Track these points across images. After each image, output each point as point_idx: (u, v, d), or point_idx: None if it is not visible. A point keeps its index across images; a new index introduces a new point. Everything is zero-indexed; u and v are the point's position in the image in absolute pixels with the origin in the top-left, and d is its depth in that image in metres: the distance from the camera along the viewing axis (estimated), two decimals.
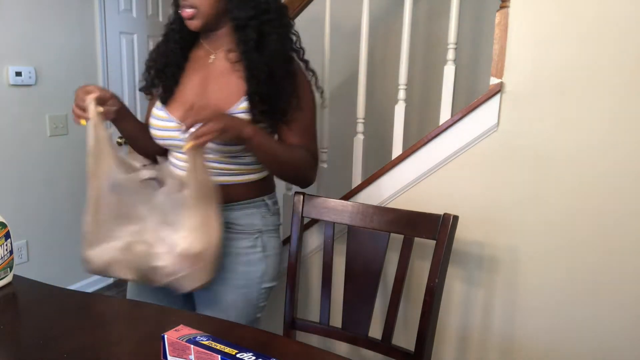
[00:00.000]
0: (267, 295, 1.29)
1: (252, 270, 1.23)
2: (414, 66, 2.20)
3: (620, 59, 1.24)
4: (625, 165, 1.27)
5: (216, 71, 1.19)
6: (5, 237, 1.07)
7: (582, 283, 1.36)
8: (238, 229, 1.23)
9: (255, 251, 1.24)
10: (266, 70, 1.12)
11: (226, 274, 1.21)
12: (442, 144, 1.46)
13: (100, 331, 0.92)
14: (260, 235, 1.25)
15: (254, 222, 1.25)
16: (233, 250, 1.22)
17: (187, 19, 1.14)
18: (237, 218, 1.23)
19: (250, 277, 1.23)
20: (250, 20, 1.12)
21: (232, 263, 1.22)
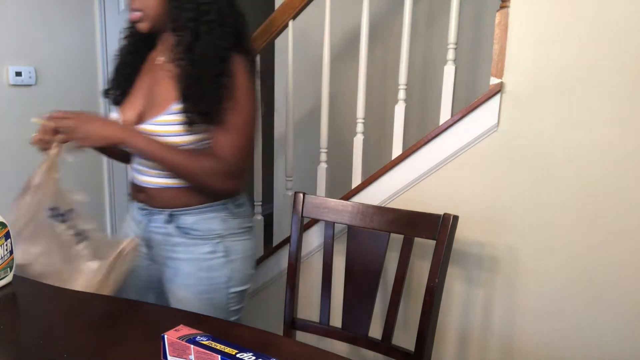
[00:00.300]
0: (239, 299, 1.27)
1: (216, 275, 1.22)
2: (414, 66, 2.20)
3: (621, 59, 1.24)
4: (625, 165, 1.27)
5: (162, 73, 1.18)
6: (5, 237, 1.07)
7: (582, 283, 1.36)
8: (196, 234, 1.21)
9: (216, 256, 1.22)
10: (193, 73, 1.09)
11: (189, 280, 1.21)
12: (442, 144, 1.46)
13: (100, 331, 0.92)
14: (221, 240, 1.22)
15: (213, 227, 1.22)
16: (194, 256, 1.21)
17: (134, 22, 1.15)
18: (194, 223, 1.21)
19: (215, 283, 1.22)
20: (188, 22, 1.10)
21: (195, 269, 1.21)
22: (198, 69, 1.09)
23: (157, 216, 1.23)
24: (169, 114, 1.13)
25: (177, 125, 1.12)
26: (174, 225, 1.22)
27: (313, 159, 2.38)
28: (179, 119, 1.12)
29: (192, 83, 1.10)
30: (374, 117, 2.32)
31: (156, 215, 1.23)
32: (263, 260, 1.85)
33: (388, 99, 2.33)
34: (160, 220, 1.23)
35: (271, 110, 2.66)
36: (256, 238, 1.91)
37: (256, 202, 1.90)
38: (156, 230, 1.24)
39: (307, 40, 2.24)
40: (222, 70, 1.11)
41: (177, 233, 1.22)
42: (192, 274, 1.21)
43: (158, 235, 1.24)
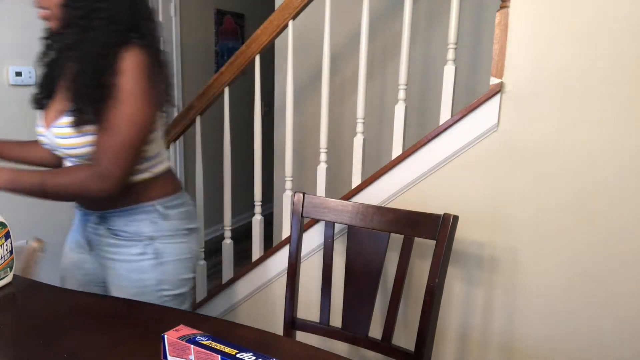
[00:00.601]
0: (176, 302, 1.24)
1: (146, 278, 1.20)
2: (414, 66, 2.20)
3: (621, 58, 1.24)
4: (625, 165, 1.27)
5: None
6: (5, 237, 1.07)
7: (582, 283, 1.36)
8: (126, 235, 1.20)
9: (145, 258, 1.20)
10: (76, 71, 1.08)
11: (122, 282, 1.21)
12: (442, 144, 1.46)
13: (100, 331, 0.92)
14: (151, 243, 1.20)
15: (142, 230, 1.19)
16: (124, 257, 1.21)
17: (43, 20, 1.12)
18: (124, 225, 1.20)
19: (145, 285, 1.20)
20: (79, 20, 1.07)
21: (126, 271, 1.21)
22: (80, 67, 1.08)
23: (91, 217, 1.24)
24: (65, 116, 1.11)
25: (69, 127, 1.10)
26: (105, 226, 1.21)
27: (313, 159, 2.38)
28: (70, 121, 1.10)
29: (76, 83, 1.09)
30: (374, 117, 2.32)
31: (90, 216, 1.24)
32: (263, 260, 1.85)
33: (388, 99, 2.33)
34: (93, 222, 1.23)
35: (271, 110, 2.66)
36: (256, 238, 1.92)
37: (256, 202, 1.90)
38: (92, 231, 1.24)
39: (307, 40, 2.24)
40: (102, 67, 1.05)
41: (108, 234, 1.21)
42: (123, 276, 1.21)
43: (94, 236, 1.24)
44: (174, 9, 3.44)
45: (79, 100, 1.07)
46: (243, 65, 1.80)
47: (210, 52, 3.91)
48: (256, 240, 1.92)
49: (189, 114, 1.93)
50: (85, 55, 1.07)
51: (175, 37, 3.49)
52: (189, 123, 1.95)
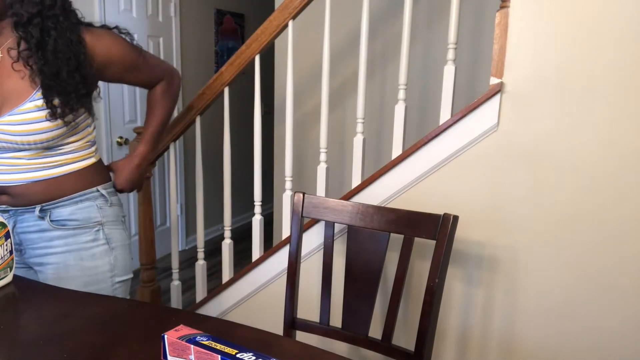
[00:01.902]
0: (123, 289, 1.27)
1: (100, 264, 1.22)
2: (414, 66, 2.20)
3: (620, 58, 1.24)
4: (625, 165, 1.27)
5: (4, 68, 1.14)
6: (5, 237, 1.07)
7: (583, 283, 1.36)
8: (75, 224, 1.20)
9: (98, 244, 1.22)
10: (49, 71, 1.10)
11: (73, 272, 1.20)
12: (442, 144, 1.46)
13: (100, 331, 0.92)
14: (100, 228, 1.23)
15: (92, 215, 1.22)
16: (75, 247, 1.20)
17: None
18: (71, 214, 1.20)
19: (100, 272, 1.22)
20: (33, 17, 1.08)
21: (77, 260, 1.20)
22: (53, 67, 1.10)
23: (25, 215, 1.20)
24: (30, 101, 1.11)
25: (41, 111, 1.11)
26: (48, 219, 1.19)
27: (313, 159, 2.38)
28: (40, 105, 1.11)
29: (52, 81, 1.10)
30: (374, 117, 2.32)
31: (24, 214, 1.20)
32: (263, 260, 1.85)
33: (388, 99, 2.33)
34: (30, 219, 1.20)
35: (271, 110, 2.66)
36: (256, 238, 1.92)
37: (256, 202, 1.90)
38: (27, 229, 1.21)
39: (307, 40, 2.24)
40: (78, 63, 1.13)
41: (52, 227, 1.19)
42: (74, 265, 1.20)
43: (30, 234, 1.21)
44: (174, 9, 3.44)
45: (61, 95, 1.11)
46: (243, 65, 1.80)
47: (210, 52, 3.91)
48: (256, 240, 1.92)
49: (189, 114, 1.93)
50: (56, 55, 1.10)
51: (175, 37, 3.49)
52: (189, 123, 1.95)
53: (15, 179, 1.17)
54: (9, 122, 1.12)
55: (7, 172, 1.17)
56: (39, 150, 1.16)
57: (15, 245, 1.21)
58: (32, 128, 1.12)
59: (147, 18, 3.22)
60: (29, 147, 1.15)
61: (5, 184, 1.17)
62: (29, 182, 1.17)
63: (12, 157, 1.16)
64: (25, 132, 1.12)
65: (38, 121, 1.12)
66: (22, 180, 1.17)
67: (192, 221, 3.76)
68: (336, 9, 1.75)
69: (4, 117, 1.12)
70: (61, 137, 1.17)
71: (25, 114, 1.12)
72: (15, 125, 1.12)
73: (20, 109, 1.12)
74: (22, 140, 1.13)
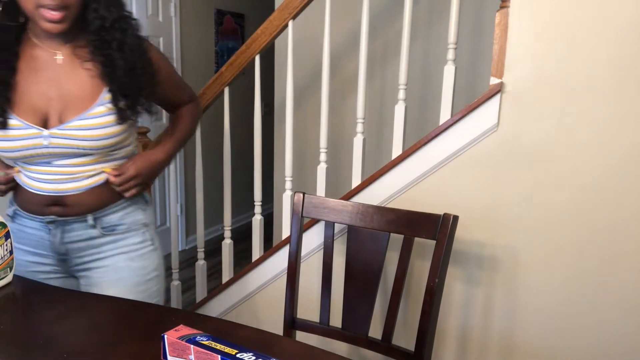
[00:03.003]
0: (162, 287, 1.29)
1: (147, 264, 1.23)
2: (414, 66, 2.20)
3: (620, 58, 1.24)
4: (625, 164, 1.27)
5: (67, 70, 1.11)
6: (5, 237, 1.07)
7: (583, 283, 1.36)
8: (123, 228, 1.21)
9: (145, 245, 1.24)
10: (127, 67, 1.11)
11: (122, 273, 1.20)
12: (442, 144, 1.46)
13: (100, 331, 0.92)
14: (146, 230, 1.25)
15: (138, 218, 1.24)
16: (124, 249, 1.21)
17: (55, 21, 1.03)
18: (120, 219, 1.21)
19: (147, 272, 1.23)
20: (117, 20, 1.10)
21: (126, 262, 1.20)
22: (129, 64, 1.11)
23: (73, 225, 1.16)
24: (100, 105, 1.10)
25: (110, 115, 1.11)
26: (99, 227, 1.18)
27: (313, 159, 2.38)
28: (110, 108, 1.11)
29: (125, 79, 1.11)
30: (374, 117, 2.32)
31: (72, 224, 1.16)
32: (263, 260, 1.85)
33: (388, 99, 2.33)
34: (80, 228, 1.17)
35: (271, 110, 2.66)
36: (256, 238, 1.92)
37: (256, 202, 1.90)
38: (75, 239, 1.17)
39: (307, 40, 2.24)
40: (149, 60, 1.16)
41: (102, 233, 1.19)
42: (124, 267, 1.20)
43: (78, 243, 1.18)
44: (174, 9, 3.44)
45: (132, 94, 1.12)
46: (243, 65, 1.80)
47: (210, 52, 3.91)
48: (256, 240, 1.92)
49: None
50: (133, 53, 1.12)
51: (175, 37, 3.49)
52: None
53: (72, 187, 1.14)
54: (78, 127, 1.08)
55: (64, 181, 1.13)
56: (99, 155, 1.14)
57: (61, 256, 1.20)
58: (102, 133, 1.10)
59: (147, 18, 3.22)
60: (92, 152, 1.12)
61: (61, 194, 1.14)
62: (85, 189, 1.15)
63: (70, 165, 1.13)
64: (95, 137, 1.10)
65: (108, 125, 1.10)
66: (79, 188, 1.14)
67: (192, 221, 3.76)
68: (336, 9, 1.75)
69: (73, 122, 1.08)
70: (122, 141, 1.17)
71: (96, 118, 1.09)
72: (85, 130, 1.09)
73: (90, 113, 1.09)
74: (91, 145, 1.10)
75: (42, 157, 1.10)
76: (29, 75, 1.10)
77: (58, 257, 1.20)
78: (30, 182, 1.14)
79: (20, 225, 1.19)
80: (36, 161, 1.12)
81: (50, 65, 1.11)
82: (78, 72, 1.11)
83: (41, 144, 1.08)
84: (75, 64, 1.12)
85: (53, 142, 1.08)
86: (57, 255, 1.20)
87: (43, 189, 1.13)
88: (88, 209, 1.16)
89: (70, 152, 1.10)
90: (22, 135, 1.08)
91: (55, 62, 1.11)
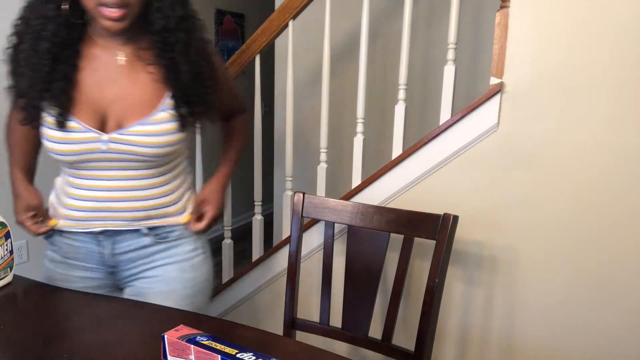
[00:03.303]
0: (209, 298, 1.24)
1: (199, 274, 1.17)
2: (414, 66, 2.20)
3: (620, 58, 1.24)
4: (625, 164, 1.27)
5: (128, 72, 1.06)
6: (5, 237, 1.07)
7: (583, 283, 1.36)
8: (175, 235, 1.15)
9: (197, 253, 1.17)
10: (192, 72, 1.05)
11: (174, 285, 1.14)
12: (442, 144, 1.46)
13: (100, 331, 0.92)
14: (198, 236, 1.19)
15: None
16: (176, 258, 1.14)
17: (115, 19, 0.97)
18: (171, 227, 1.15)
19: (198, 282, 1.17)
20: (182, 20, 1.03)
21: (178, 272, 1.14)
22: (195, 68, 1.05)
23: (125, 235, 1.11)
24: (162, 110, 1.05)
25: (172, 122, 1.05)
26: (152, 234, 1.13)
27: (313, 159, 2.38)
28: (173, 115, 1.06)
29: (189, 82, 1.05)
30: (374, 117, 2.32)
31: (124, 234, 1.11)
32: (263, 260, 1.85)
33: (388, 99, 2.33)
34: (131, 238, 1.11)
35: (271, 110, 2.66)
36: (256, 238, 1.92)
37: (256, 202, 1.90)
38: (126, 249, 1.12)
39: (307, 40, 2.24)
40: (213, 65, 1.11)
41: (154, 241, 1.13)
42: (176, 277, 1.14)
43: (128, 254, 1.13)
44: None
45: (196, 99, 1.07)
46: (243, 65, 1.80)
47: None
48: (256, 240, 1.92)
49: None
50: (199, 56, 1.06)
51: None
52: None
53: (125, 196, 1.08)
54: (138, 132, 1.03)
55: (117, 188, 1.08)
56: (155, 164, 1.08)
57: (110, 269, 1.14)
58: (162, 140, 1.04)
59: None
60: (149, 160, 1.06)
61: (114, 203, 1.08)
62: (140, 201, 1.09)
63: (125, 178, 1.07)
64: (156, 143, 1.04)
65: (169, 132, 1.05)
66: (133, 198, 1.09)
67: None
68: (336, 9, 1.75)
69: (133, 127, 1.03)
70: (179, 150, 1.11)
71: (157, 124, 1.04)
72: (146, 137, 1.03)
73: (152, 119, 1.04)
74: (150, 152, 1.04)
75: (97, 162, 1.05)
76: (89, 75, 1.05)
77: (107, 270, 1.15)
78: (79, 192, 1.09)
79: (68, 238, 1.13)
80: (89, 167, 1.06)
81: (111, 65, 1.06)
82: (140, 74, 1.06)
83: (99, 149, 1.03)
84: (137, 66, 1.06)
85: (111, 147, 1.03)
86: (106, 268, 1.14)
87: (94, 198, 1.08)
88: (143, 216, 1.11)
89: (127, 158, 1.04)
90: (80, 138, 1.02)
91: (116, 62, 1.06)
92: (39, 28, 1.00)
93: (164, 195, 1.12)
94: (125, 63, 1.06)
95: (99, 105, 1.04)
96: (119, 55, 1.06)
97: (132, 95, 1.05)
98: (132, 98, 1.05)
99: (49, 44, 1.00)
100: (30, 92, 1.02)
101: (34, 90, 1.01)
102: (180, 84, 1.05)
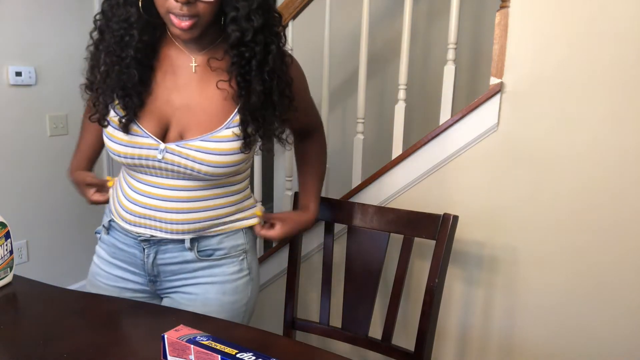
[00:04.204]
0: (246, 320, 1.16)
1: (238, 299, 1.10)
2: (414, 66, 2.20)
3: (620, 58, 1.24)
4: (625, 164, 1.27)
5: (198, 81, 1.01)
6: (5, 237, 1.07)
7: (583, 283, 1.36)
8: (221, 254, 1.08)
9: (242, 275, 1.10)
10: (265, 92, 0.97)
11: (210, 307, 1.07)
12: (442, 143, 1.46)
13: (100, 331, 0.92)
14: (245, 256, 1.11)
15: (238, 243, 1.10)
16: (218, 279, 1.08)
17: (185, 29, 0.92)
18: (219, 242, 1.08)
19: (237, 307, 1.10)
20: (259, 33, 0.93)
21: (218, 294, 1.08)
22: (267, 88, 0.97)
23: (169, 246, 1.06)
24: (227, 128, 0.98)
25: (236, 141, 0.99)
26: (196, 250, 1.07)
27: None
28: (238, 134, 0.98)
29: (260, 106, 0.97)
30: (373, 117, 2.32)
31: (168, 245, 1.06)
32: (263, 260, 1.85)
33: (388, 99, 2.33)
34: (174, 250, 1.06)
35: None
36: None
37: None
38: (168, 261, 1.07)
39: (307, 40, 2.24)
40: (289, 83, 1.02)
41: (198, 258, 1.07)
42: (214, 299, 1.08)
43: (171, 266, 1.08)
44: None
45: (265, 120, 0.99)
46: None
47: None
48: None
49: None
50: (274, 72, 0.97)
51: None
52: None
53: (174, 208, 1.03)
54: (197, 147, 0.97)
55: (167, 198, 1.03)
56: (211, 182, 1.03)
57: (152, 277, 1.10)
58: (222, 160, 0.98)
59: None
60: (205, 179, 1.00)
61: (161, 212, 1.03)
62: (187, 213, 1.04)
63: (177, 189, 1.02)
64: (214, 162, 0.98)
65: (230, 153, 0.98)
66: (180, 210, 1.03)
67: None
68: (336, 9, 1.75)
69: (194, 142, 0.97)
70: (239, 170, 1.05)
71: (220, 142, 0.98)
72: (205, 154, 0.97)
73: (215, 136, 0.98)
74: (206, 171, 0.98)
75: (153, 169, 1.01)
76: (160, 77, 1.01)
77: (149, 278, 1.11)
78: (131, 193, 1.05)
79: (115, 239, 1.11)
80: (144, 171, 1.02)
81: (185, 71, 1.01)
82: (209, 86, 1.00)
83: (154, 157, 0.98)
84: (208, 76, 1.00)
85: (167, 158, 0.98)
86: (148, 276, 1.10)
87: (143, 204, 1.04)
88: (188, 228, 1.05)
89: (181, 171, 0.99)
90: (138, 143, 0.99)
91: (190, 68, 1.01)
92: (122, 33, 0.96)
93: (215, 208, 1.06)
94: (198, 70, 1.01)
95: (164, 111, 1.00)
96: (193, 61, 1.01)
97: (199, 105, 1.00)
98: (198, 109, 1.00)
99: (132, 49, 0.96)
100: (104, 90, 1.00)
101: (107, 89, 0.99)
102: (250, 103, 0.97)
